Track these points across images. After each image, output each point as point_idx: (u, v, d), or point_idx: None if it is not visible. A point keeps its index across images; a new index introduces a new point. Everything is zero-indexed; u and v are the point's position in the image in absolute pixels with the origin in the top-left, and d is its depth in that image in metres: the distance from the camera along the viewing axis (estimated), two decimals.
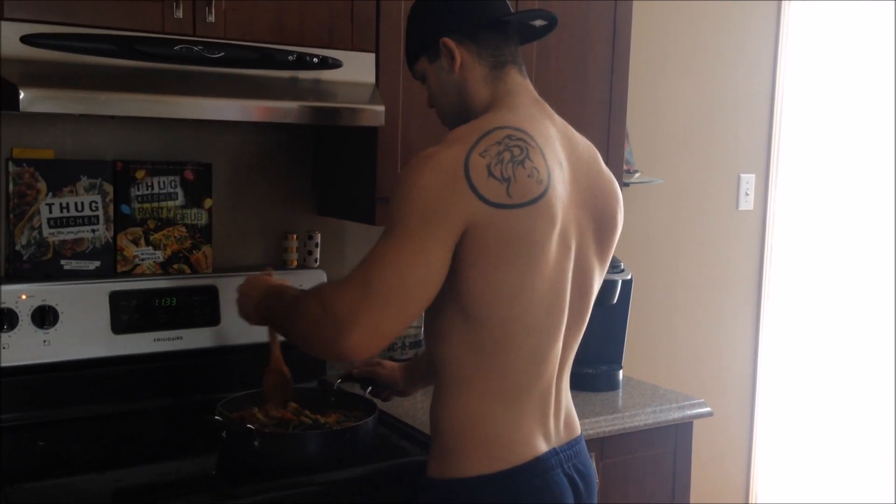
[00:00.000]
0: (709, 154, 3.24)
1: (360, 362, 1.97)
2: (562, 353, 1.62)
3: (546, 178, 1.50)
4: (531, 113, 1.58)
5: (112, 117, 2.07)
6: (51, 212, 2.05)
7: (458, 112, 1.65)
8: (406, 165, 1.50)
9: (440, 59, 1.63)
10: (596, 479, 1.72)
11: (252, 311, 1.75)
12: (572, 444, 1.65)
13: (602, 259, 1.67)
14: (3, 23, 1.67)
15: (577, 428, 1.70)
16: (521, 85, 1.64)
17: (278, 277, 1.86)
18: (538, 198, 1.48)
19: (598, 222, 1.64)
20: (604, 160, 1.61)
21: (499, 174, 1.45)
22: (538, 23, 1.70)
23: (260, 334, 2.19)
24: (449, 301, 1.51)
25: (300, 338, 1.56)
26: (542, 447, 1.58)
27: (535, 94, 1.65)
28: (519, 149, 1.48)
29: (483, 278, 1.48)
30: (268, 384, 1.93)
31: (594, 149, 1.70)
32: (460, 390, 1.55)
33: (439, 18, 1.62)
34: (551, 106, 1.66)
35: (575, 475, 1.63)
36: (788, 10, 3.33)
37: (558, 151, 1.57)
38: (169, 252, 2.18)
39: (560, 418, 1.65)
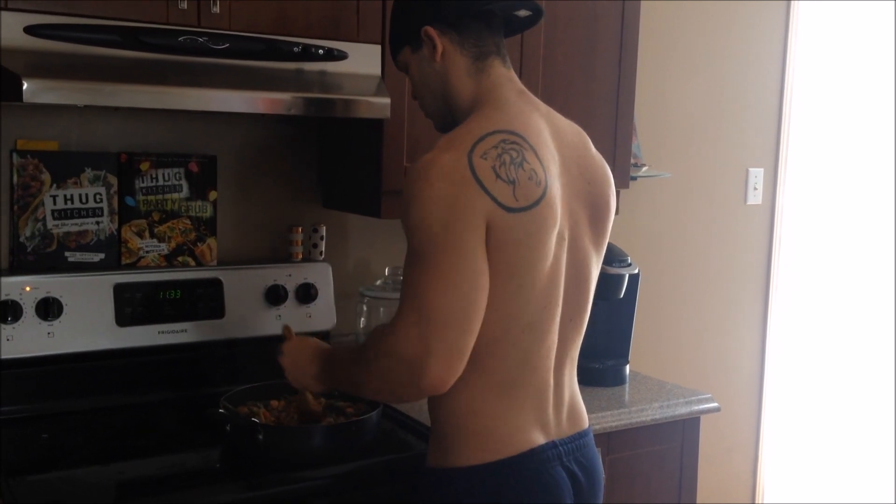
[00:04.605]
0: (717, 148, 3.22)
1: None
2: (563, 346, 1.61)
3: (543, 178, 1.49)
4: (519, 108, 1.57)
5: (116, 109, 2.06)
6: (55, 203, 2.04)
7: (441, 104, 1.64)
8: (407, 179, 1.47)
9: (422, 49, 1.62)
10: (602, 474, 1.71)
11: (314, 384, 1.71)
12: (575, 438, 1.64)
13: (598, 247, 1.65)
14: (7, 13, 1.66)
15: (584, 421, 1.69)
16: (505, 76, 1.62)
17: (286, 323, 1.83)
18: (539, 200, 1.47)
19: (592, 209, 1.62)
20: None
21: (504, 176, 1.44)
22: (522, 13, 1.68)
23: (264, 328, 2.20)
24: None
25: (376, 393, 1.56)
26: (539, 439, 1.57)
27: (519, 84, 1.64)
28: (515, 151, 1.47)
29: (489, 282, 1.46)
30: (295, 411, 1.89)
31: (582, 133, 1.68)
32: (456, 386, 1.53)
33: (422, 8, 1.61)
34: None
35: (576, 469, 1.62)
36: (798, 8, 3.31)
37: (549, 145, 1.55)
38: (173, 244, 2.17)
39: (562, 411, 1.63)
